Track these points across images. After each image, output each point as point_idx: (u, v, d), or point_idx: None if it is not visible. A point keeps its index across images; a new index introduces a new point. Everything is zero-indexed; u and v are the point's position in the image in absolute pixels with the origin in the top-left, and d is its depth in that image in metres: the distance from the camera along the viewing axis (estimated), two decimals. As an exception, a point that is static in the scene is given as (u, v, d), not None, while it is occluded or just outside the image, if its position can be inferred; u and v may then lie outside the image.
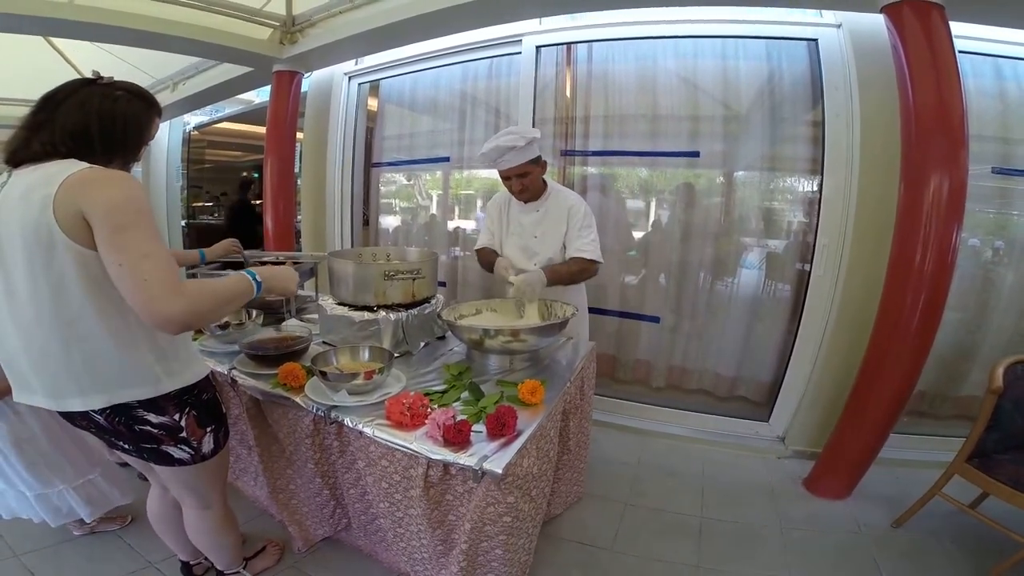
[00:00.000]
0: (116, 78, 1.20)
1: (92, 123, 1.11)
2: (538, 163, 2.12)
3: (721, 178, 2.92)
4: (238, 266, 2.20)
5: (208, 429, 1.31)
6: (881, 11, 2.10)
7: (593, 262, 2.14)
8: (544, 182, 2.23)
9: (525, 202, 2.25)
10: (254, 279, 1.22)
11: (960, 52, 2.04)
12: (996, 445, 1.94)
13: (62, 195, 0.99)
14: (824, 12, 2.51)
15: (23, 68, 3.99)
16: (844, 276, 2.51)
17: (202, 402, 1.29)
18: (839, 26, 2.47)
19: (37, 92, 1.15)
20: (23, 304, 1.05)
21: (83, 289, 1.04)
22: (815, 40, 2.54)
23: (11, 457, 1.71)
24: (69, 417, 1.21)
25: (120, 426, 1.18)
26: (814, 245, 2.61)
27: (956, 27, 2.05)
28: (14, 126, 1.13)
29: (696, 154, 2.85)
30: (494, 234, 2.38)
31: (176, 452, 1.26)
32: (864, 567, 1.92)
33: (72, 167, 1.02)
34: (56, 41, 4.18)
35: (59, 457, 1.76)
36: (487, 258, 2.32)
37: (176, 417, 1.23)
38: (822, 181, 2.57)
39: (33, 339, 1.08)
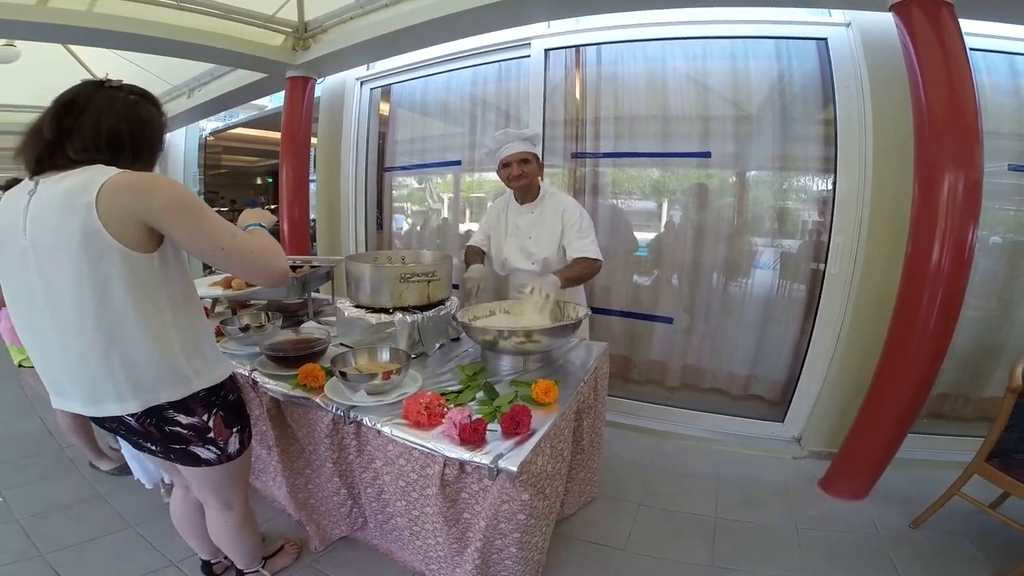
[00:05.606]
0: (124, 81, 1.20)
1: (123, 127, 1.13)
2: (538, 160, 2.24)
3: (733, 178, 2.91)
4: None
5: (234, 429, 1.34)
6: (890, 10, 2.09)
7: (596, 261, 2.19)
8: (539, 185, 2.31)
9: (520, 195, 2.32)
10: (260, 226, 1.36)
11: (973, 49, 2.04)
12: (1017, 445, 1.91)
13: (105, 201, 1.01)
14: (833, 11, 2.50)
15: (43, 77, 4.09)
16: (859, 275, 2.49)
17: (228, 402, 1.32)
18: (848, 25, 2.46)
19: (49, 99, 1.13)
20: (65, 311, 1.07)
21: (127, 290, 1.07)
22: (825, 39, 2.53)
23: None
24: (99, 421, 1.23)
25: (151, 427, 1.20)
26: (828, 244, 2.60)
27: (969, 24, 2.04)
28: (21, 132, 1.13)
29: (707, 154, 2.85)
30: (488, 236, 2.47)
31: (203, 452, 1.29)
32: (882, 568, 1.91)
33: (105, 173, 1.04)
34: (75, 49, 4.28)
35: None
36: (470, 256, 2.41)
37: (204, 418, 1.25)
38: (835, 180, 2.56)
39: (73, 346, 1.09)
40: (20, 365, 2.14)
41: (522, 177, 2.21)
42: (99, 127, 1.10)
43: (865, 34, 2.38)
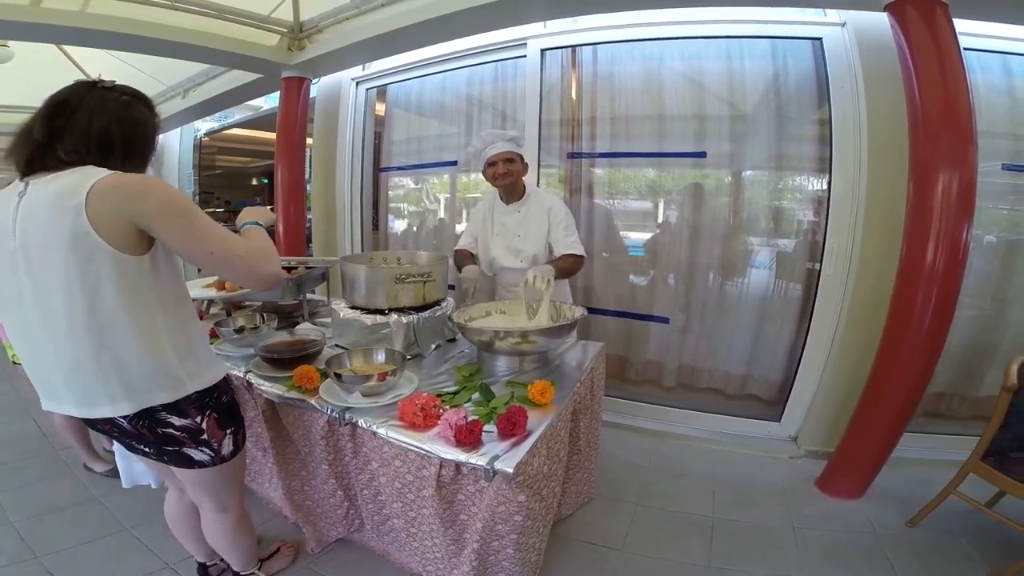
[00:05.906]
0: (118, 82, 1.19)
1: (114, 128, 1.12)
2: (522, 159, 2.31)
3: (729, 178, 2.92)
4: None
5: (228, 431, 1.33)
6: (884, 9, 2.10)
7: (583, 257, 2.27)
8: (523, 184, 2.37)
9: (505, 195, 2.37)
10: (257, 224, 1.34)
11: (967, 49, 2.05)
12: (1012, 444, 1.92)
13: (95, 202, 1.00)
14: (828, 11, 2.50)
15: (36, 77, 4.07)
16: (855, 275, 2.50)
17: (222, 404, 1.31)
18: (843, 24, 2.46)
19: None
20: (56, 313, 1.06)
21: (118, 293, 1.06)
22: (820, 39, 2.54)
23: None
24: (91, 422, 1.22)
25: (143, 429, 1.20)
26: (823, 244, 2.60)
27: (963, 24, 2.04)
28: (13, 133, 1.12)
29: (703, 154, 2.86)
30: (476, 237, 2.50)
31: (197, 454, 1.28)
32: (878, 566, 1.91)
33: (94, 174, 1.03)
34: (68, 49, 4.26)
35: None
36: (461, 259, 2.43)
37: (197, 419, 1.24)
38: (830, 180, 2.56)
39: (64, 349, 1.09)
40: (15, 363, 2.13)
41: (508, 175, 2.25)
42: (90, 128, 1.09)
43: (860, 34, 2.39)
